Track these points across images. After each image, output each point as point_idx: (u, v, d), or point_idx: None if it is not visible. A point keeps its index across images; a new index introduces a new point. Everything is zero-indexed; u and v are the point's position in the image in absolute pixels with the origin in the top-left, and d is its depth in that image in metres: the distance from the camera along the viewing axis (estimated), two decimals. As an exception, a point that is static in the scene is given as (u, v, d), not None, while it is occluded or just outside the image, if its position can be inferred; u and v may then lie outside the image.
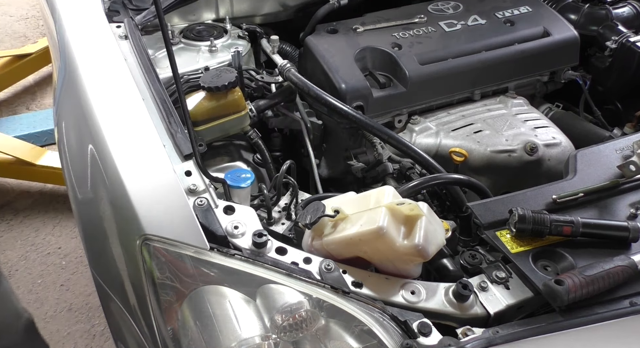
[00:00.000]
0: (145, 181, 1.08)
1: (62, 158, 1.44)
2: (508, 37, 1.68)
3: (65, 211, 2.73)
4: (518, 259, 1.03)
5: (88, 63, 1.38)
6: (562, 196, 1.14)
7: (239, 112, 1.41)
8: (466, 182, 1.29)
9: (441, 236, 1.03)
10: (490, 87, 1.69)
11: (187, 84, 1.52)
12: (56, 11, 1.59)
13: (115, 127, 1.20)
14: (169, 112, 1.22)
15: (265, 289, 0.96)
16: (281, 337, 0.92)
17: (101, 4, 1.57)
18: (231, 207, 1.07)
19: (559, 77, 1.76)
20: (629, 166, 1.16)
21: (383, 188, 1.05)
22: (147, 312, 0.98)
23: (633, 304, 0.96)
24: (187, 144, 1.14)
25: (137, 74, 1.33)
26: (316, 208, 1.04)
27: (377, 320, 0.92)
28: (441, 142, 1.53)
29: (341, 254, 1.03)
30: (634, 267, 0.97)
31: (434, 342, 0.91)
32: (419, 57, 1.59)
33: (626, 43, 1.72)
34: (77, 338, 2.24)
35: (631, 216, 1.12)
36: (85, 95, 1.29)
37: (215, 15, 1.86)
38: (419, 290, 0.99)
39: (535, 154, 1.48)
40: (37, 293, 2.40)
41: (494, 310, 0.98)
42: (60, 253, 2.58)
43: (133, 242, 1.00)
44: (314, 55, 1.58)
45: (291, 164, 1.26)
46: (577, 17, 1.82)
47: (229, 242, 1.02)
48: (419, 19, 1.72)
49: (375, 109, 1.53)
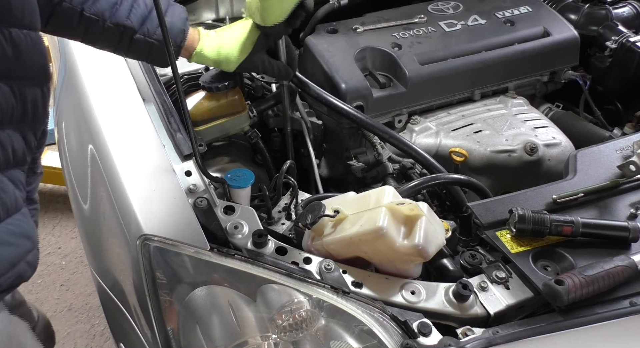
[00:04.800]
0: (145, 181, 1.08)
1: (62, 158, 1.44)
2: (508, 37, 1.68)
3: (65, 211, 2.73)
4: (518, 259, 1.03)
5: (88, 63, 1.38)
6: (562, 196, 1.14)
7: (239, 112, 1.41)
8: (466, 182, 1.29)
9: (441, 236, 1.03)
10: (490, 87, 1.69)
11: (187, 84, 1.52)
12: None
13: (115, 127, 1.20)
14: (169, 112, 1.22)
15: (265, 289, 0.96)
16: (281, 337, 0.92)
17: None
18: (231, 207, 1.07)
19: (559, 77, 1.76)
20: (629, 166, 1.16)
21: (383, 188, 1.05)
22: (147, 312, 0.98)
23: (633, 304, 0.96)
24: (187, 144, 1.14)
25: (137, 73, 1.33)
26: (316, 208, 1.04)
27: (377, 320, 0.92)
28: (441, 142, 1.53)
29: (341, 254, 1.03)
30: (634, 267, 0.97)
31: (434, 342, 0.91)
32: (419, 57, 1.58)
33: (626, 43, 1.72)
34: (77, 338, 2.24)
35: (631, 216, 1.12)
36: (85, 95, 1.29)
37: (215, 15, 1.86)
38: (419, 290, 0.99)
39: (535, 153, 1.48)
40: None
41: (494, 310, 0.98)
42: (60, 253, 2.58)
43: (133, 242, 1.00)
44: (314, 55, 1.58)
45: (291, 164, 1.26)
46: (577, 17, 1.82)
47: (229, 242, 1.02)
48: (419, 19, 1.72)
49: (375, 109, 1.53)
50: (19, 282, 0.95)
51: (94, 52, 1.40)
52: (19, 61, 0.88)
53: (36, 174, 1.06)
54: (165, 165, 1.11)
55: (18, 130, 0.92)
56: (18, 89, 0.89)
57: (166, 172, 1.09)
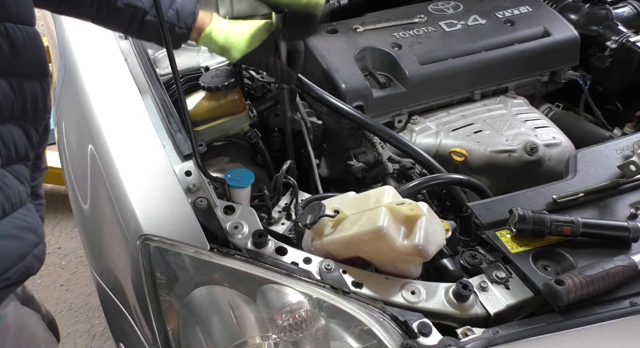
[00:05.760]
0: (145, 181, 1.08)
1: (62, 158, 1.44)
2: (508, 37, 1.68)
3: (65, 211, 2.73)
4: (518, 259, 1.03)
5: (88, 63, 1.38)
6: (562, 196, 1.14)
7: (239, 112, 1.41)
8: (466, 182, 1.29)
9: (441, 236, 1.03)
10: (490, 87, 1.69)
11: (187, 84, 1.52)
12: (56, 11, 1.59)
13: (115, 127, 1.20)
14: (169, 112, 1.22)
15: (265, 289, 0.96)
16: (281, 337, 0.92)
17: (101, 4, 1.57)
18: (231, 207, 1.07)
19: (559, 77, 1.76)
20: (629, 166, 1.16)
21: (383, 188, 1.05)
22: (147, 312, 0.98)
23: (633, 304, 0.96)
24: (187, 144, 1.14)
25: (137, 73, 1.33)
26: (316, 208, 1.04)
27: (377, 320, 0.92)
28: (441, 142, 1.53)
29: (341, 254, 1.03)
30: (634, 267, 0.97)
31: (434, 342, 0.91)
32: (419, 57, 1.58)
33: (626, 43, 1.72)
34: (77, 338, 2.24)
35: (631, 216, 1.12)
36: (85, 95, 1.29)
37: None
38: (419, 290, 0.99)
39: (535, 154, 1.48)
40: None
41: (494, 310, 0.98)
42: (60, 253, 2.58)
43: (133, 242, 1.00)
44: (314, 55, 1.57)
45: (291, 164, 1.26)
46: (577, 17, 1.82)
47: (229, 242, 1.02)
48: (419, 19, 1.72)
49: (375, 109, 1.53)
50: (27, 276, 0.95)
51: (94, 52, 1.41)
52: (16, 57, 0.88)
53: (40, 170, 1.06)
54: (165, 165, 1.11)
55: (19, 126, 0.92)
56: (17, 84, 0.89)
57: (166, 172, 1.09)
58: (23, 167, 0.96)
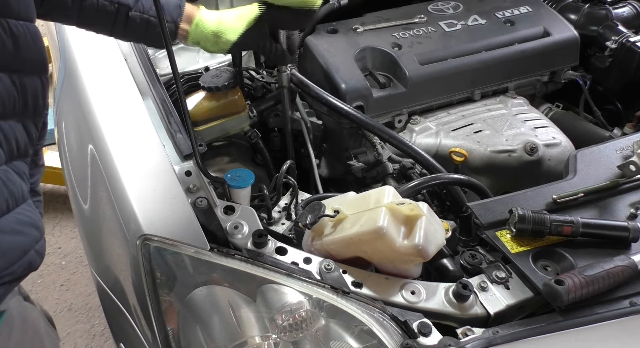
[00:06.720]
0: (145, 181, 1.08)
1: (62, 158, 1.44)
2: (508, 37, 1.68)
3: (65, 211, 2.73)
4: (518, 259, 1.03)
5: (88, 63, 1.38)
6: (562, 196, 1.14)
7: (239, 112, 1.41)
8: (466, 182, 1.29)
9: (441, 236, 1.03)
10: (490, 87, 1.69)
11: (187, 84, 1.52)
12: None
13: (115, 127, 1.20)
14: (169, 112, 1.22)
15: (265, 289, 0.96)
16: (281, 337, 0.92)
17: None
18: (231, 207, 1.07)
19: (559, 77, 1.76)
20: (629, 166, 1.16)
21: (383, 188, 1.05)
22: (147, 312, 0.98)
23: (633, 304, 0.96)
24: (187, 144, 1.14)
25: (137, 73, 1.33)
26: (316, 208, 1.04)
27: (377, 320, 0.92)
28: (441, 142, 1.53)
29: (341, 254, 1.03)
30: (634, 267, 0.97)
31: (434, 342, 0.91)
32: (419, 57, 1.59)
33: (626, 43, 1.72)
34: (77, 338, 2.24)
35: (631, 216, 1.12)
36: (85, 95, 1.29)
37: (215, 15, 1.86)
38: (419, 290, 0.99)
39: (535, 154, 1.48)
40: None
41: (494, 310, 0.98)
42: (60, 253, 2.58)
43: (133, 242, 1.00)
44: (314, 55, 1.58)
45: (291, 164, 1.26)
46: (577, 17, 1.82)
47: (229, 242, 1.02)
48: (419, 19, 1.72)
49: (375, 109, 1.53)
50: (29, 271, 0.96)
51: (94, 52, 1.41)
52: (19, 53, 0.89)
53: (38, 166, 1.07)
54: (165, 165, 1.11)
55: (20, 122, 0.93)
56: (19, 80, 0.90)
57: (166, 172, 1.09)
58: (23, 163, 0.96)
